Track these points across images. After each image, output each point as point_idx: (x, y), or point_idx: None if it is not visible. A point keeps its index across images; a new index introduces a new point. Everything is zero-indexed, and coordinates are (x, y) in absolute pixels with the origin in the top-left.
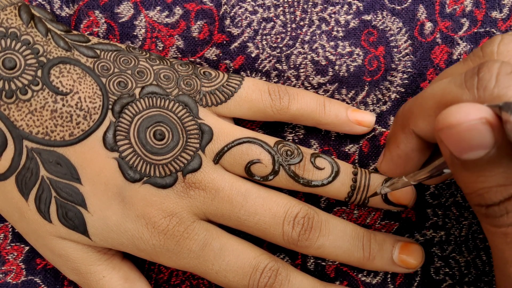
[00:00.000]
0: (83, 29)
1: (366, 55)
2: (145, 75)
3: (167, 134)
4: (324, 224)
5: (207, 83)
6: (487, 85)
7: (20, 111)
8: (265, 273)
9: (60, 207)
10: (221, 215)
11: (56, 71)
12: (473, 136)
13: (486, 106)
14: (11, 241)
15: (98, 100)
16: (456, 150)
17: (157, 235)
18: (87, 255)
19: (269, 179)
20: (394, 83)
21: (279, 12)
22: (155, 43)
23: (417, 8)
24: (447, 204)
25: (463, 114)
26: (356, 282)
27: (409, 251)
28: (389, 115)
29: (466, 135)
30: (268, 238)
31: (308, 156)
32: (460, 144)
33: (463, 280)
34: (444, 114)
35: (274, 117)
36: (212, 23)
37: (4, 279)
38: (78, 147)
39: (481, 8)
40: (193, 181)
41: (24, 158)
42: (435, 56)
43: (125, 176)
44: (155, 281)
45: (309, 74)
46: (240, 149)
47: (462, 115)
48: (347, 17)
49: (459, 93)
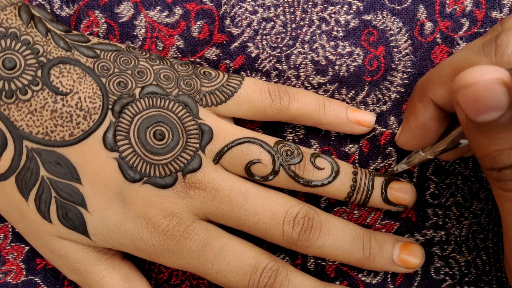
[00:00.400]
0: (83, 29)
1: (366, 55)
2: (145, 75)
3: (167, 134)
4: (324, 224)
5: (207, 83)
6: (504, 51)
7: (20, 111)
8: (265, 273)
9: (60, 207)
10: (221, 215)
11: (56, 71)
12: (489, 96)
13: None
14: (11, 241)
15: (98, 100)
16: (472, 111)
17: (157, 235)
18: (87, 255)
19: (269, 179)
20: (394, 83)
21: (279, 12)
22: (155, 43)
23: (417, 8)
24: (447, 204)
25: (480, 74)
26: (356, 282)
27: (409, 251)
28: (389, 115)
29: (482, 95)
30: (268, 238)
31: (308, 156)
32: (475, 105)
33: (463, 280)
34: (461, 75)
35: (274, 117)
36: (212, 23)
37: (4, 279)
38: (78, 147)
39: (481, 8)
40: (193, 181)
41: (24, 158)
42: (435, 56)
43: (125, 176)
44: (155, 281)
45: (309, 74)
46: (240, 149)
47: (479, 75)
48: (347, 17)
49: (477, 59)
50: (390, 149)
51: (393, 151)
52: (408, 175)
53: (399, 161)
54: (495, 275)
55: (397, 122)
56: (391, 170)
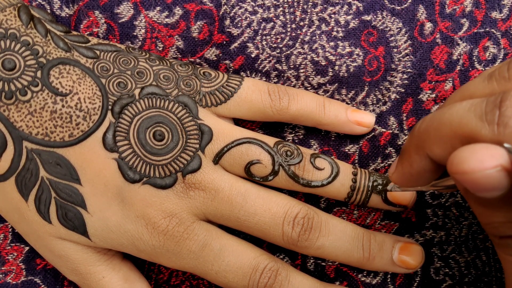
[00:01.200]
0: (83, 30)
1: (366, 56)
2: (145, 75)
3: (166, 134)
4: (324, 224)
5: (206, 84)
6: (508, 123)
7: (19, 112)
8: (264, 274)
9: (60, 207)
10: (220, 216)
11: (55, 72)
12: (488, 182)
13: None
14: (11, 241)
15: (98, 100)
16: (471, 189)
17: (157, 235)
18: (87, 256)
19: (269, 179)
20: (394, 84)
21: (279, 13)
22: (155, 43)
23: (417, 9)
24: (447, 204)
25: (477, 161)
26: (356, 282)
27: (409, 252)
28: (389, 115)
29: (480, 181)
30: (268, 239)
31: (308, 156)
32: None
33: (463, 280)
34: (457, 158)
35: (274, 118)
36: (212, 23)
37: (4, 279)
38: (77, 148)
39: (481, 9)
40: (193, 182)
41: (24, 159)
42: (435, 56)
43: (125, 177)
44: (155, 281)
45: (309, 75)
46: (240, 150)
47: (476, 163)
48: (347, 17)
49: (478, 127)
50: (390, 149)
51: (393, 152)
52: None
53: None
54: (495, 275)
55: (397, 123)
56: (384, 189)
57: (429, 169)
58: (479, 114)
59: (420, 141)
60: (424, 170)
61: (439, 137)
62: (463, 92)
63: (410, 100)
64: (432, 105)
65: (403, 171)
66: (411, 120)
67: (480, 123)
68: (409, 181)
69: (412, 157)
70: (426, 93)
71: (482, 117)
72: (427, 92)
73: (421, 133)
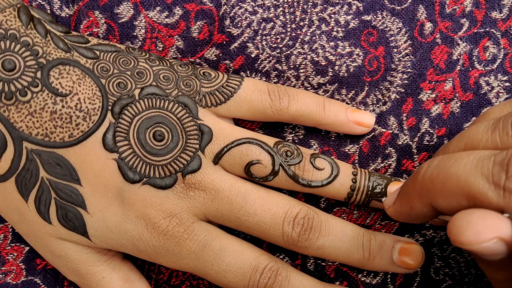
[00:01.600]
0: (82, 30)
1: (366, 56)
2: (145, 76)
3: (166, 135)
4: (324, 224)
5: (206, 84)
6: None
7: (19, 112)
8: (265, 274)
9: (60, 208)
10: (221, 216)
11: (55, 73)
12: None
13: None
14: (11, 241)
15: (98, 101)
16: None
17: (157, 236)
18: (87, 256)
19: (269, 179)
20: (394, 84)
21: (279, 13)
22: (155, 43)
23: (417, 9)
24: None
25: (474, 234)
26: (356, 282)
27: (409, 252)
28: (389, 115)
29: (477, 251)
30: (268, 239)
31: (307, 156)
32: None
33: (463, 280)
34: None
35: (274, 118)
36: (212, 24)
37: (4, 279)
38: (77, 148)
39: (481, 8)
40: (193, 182)
41: (24, 159)
42: (435, 56)
43: (125, 177)
44: (155, 282)
45: (309, 75)
46: (240, 150)
47: (473, 236)
48: (347, 17)
49: (485, 189)
50: (390, 149)
51: (392, 152)
52: (408, 176)
53: (399, 161)
54: None
55: (397, 123)
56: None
57: (429, 215)
58: (486, 175)
59: (424, 189)
60: (424, 215)
61: (445, 192)
62: (467, 140)
63: (410, 100)
64: (432, 105)
65: (401, 210)
66: (411, 120)
67: (487, 185)
68: (406, 220)
69: (413, 202)
70: (426, 93)
71: (489, 179)
72: (427, 92)
73: (426, 181)
